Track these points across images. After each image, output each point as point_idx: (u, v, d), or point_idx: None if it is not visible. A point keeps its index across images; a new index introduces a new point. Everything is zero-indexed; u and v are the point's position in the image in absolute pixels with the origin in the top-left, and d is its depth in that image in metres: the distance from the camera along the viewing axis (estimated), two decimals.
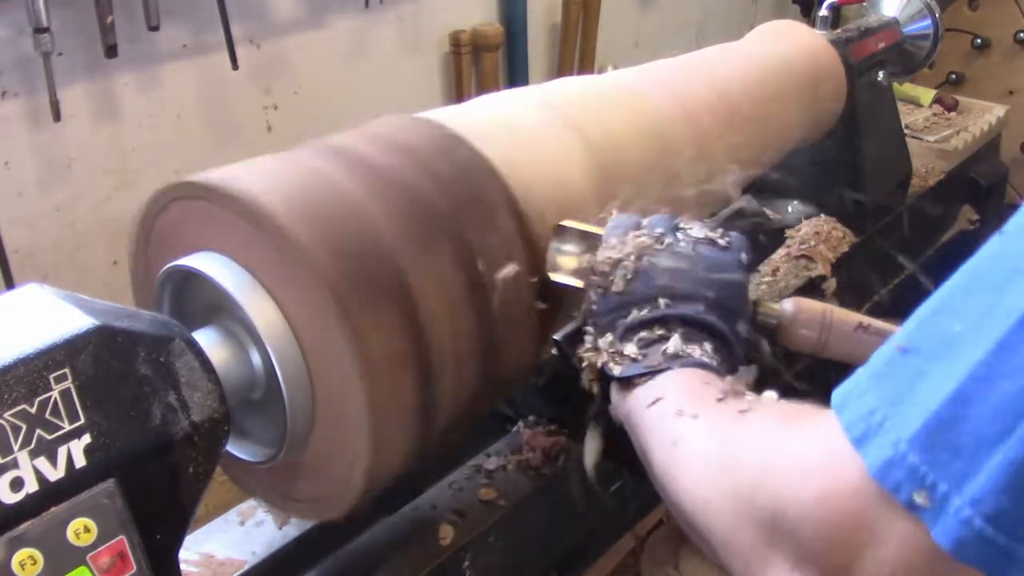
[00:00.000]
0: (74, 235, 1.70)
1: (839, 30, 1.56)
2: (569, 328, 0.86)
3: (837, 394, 0.50)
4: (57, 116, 1.57)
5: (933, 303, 0.49)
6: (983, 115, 2.11)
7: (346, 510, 0.81)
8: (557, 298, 0.88)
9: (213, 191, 0.76)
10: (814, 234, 1.50)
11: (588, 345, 0.79)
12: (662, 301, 0.75)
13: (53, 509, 0.61)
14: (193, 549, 0.98)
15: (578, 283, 0.84)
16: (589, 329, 0.80)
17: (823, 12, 1.57)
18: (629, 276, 0.77)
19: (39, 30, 1.47)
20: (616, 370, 0.74)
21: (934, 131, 2.05)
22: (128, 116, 1.72)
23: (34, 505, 0.60)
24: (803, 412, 0.56)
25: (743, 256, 0.79)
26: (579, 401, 0.83)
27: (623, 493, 1.10)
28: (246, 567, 0.97)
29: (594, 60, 2.47)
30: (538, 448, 1.09)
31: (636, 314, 0.75)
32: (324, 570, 0.97)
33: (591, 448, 0.86)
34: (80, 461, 0.62)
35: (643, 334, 0.74)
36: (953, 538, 0.44)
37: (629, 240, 0.80)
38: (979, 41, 2.70)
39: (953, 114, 2.14)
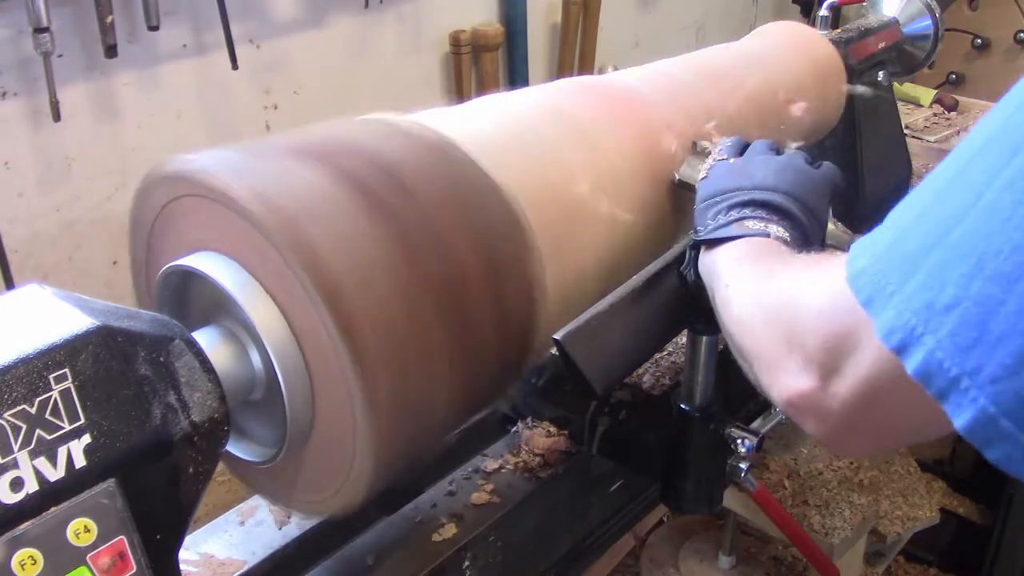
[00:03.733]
0: (74, 235, 1.70)
1: (839, 30, 1.56)
2: (570, 328, 0.87)
3: (853, 245, 0.61)
4: (57, 116, 1.57)
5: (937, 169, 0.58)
6: (983, 115, 2.10)
7: (348, 509, 0.81)
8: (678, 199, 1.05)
9: (213, 191, 0.76)
10: None
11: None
12: (752, 189, 0.89)
13: (53, 509, 0.61)
14: (193, 549, 0.98)
15: (695, 182, 0.98)
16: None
17: (823, 12, 1.57)
18: (727, 170, 0.94)
19: (39, 30, 1.47)
20: (702, 235, 0.88)
21: (934, 131, 2.05)
22: (128, 116, 1.72)
23: (34, 505, 0.60)
24: (829, 257, 0.67)
25: (828, 175, 0.93)
26: (578, 401, 0.83)
27: (623, 493, 1.10)
28: (246, 567, 0.97)
29: (594, 60, 2.47)
30: (537, 449, 1.10)
31: (729, 198, 0.90)
32: (324, 570, 0.97)
33: None
34: (80, 461, 0.62)
35: (732, 213, 0.88)
36: (887, 328, 0.54)
37: (736, 151, 0.98)
38: (979, 41, 2.70)
39: (953, 114, 2.14)
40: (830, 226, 0.95)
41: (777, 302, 0.68)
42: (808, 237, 0.87)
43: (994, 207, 0.50)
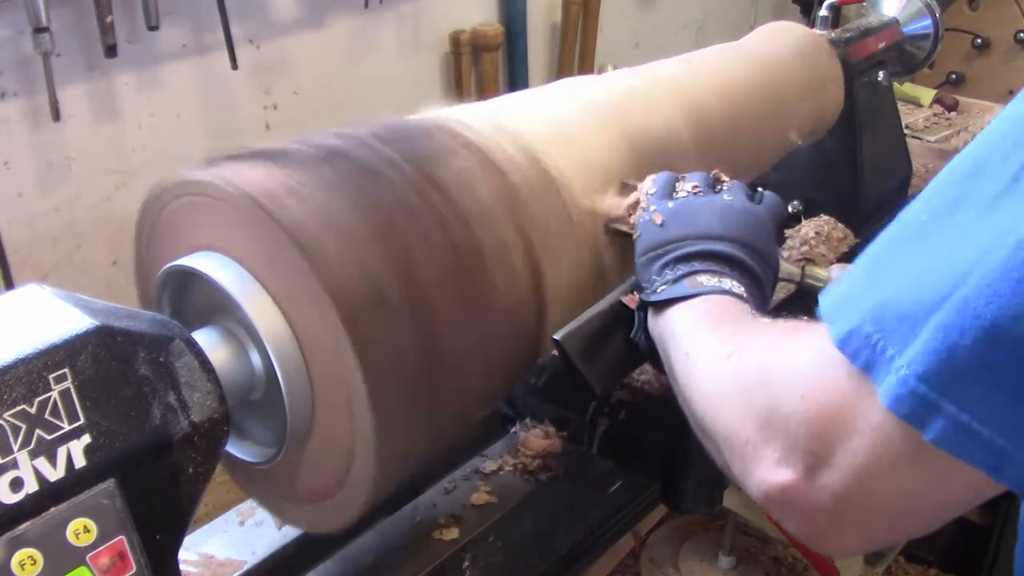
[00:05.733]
0: (74, 235, 1.70)
1: (839, 30, 1.56)
2: (570, 328, 0.87)
3: (824, 299, 0.56)
4: (57, 116, 1.57)
5: (914, 205, 0.54)
6: (983, 115, 2.11)
7: (348, 519, 0.81)
8: (619, 247, 0.97)
9: (216, 190, 0.76)
10: (814, 234, 1.49)
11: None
12: (697, 239, 0.83)
13: (53, 509, 0.61)
14: (193, 549, 0.98)
15: (629, 229, 0.92)
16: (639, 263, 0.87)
17: (823, 12, 1.57)
18: (667, 218, 0.86)
19: (39, 30, 1.47)
20: (651, 296, 0.81)
21: (934, 131, 2.05)
22: (128, 116, 1.72)
23: (34, 505, 0.60)
24: (805, 326, 0.61)
25: (771, 208, 0.88)
26: (578, 401, 0.83)
27: (623, 493, 1.10)
28: (246, 567, 0.97)
29: (594, 60, 2.47)
30: (531, 451, 1.09)
31: (674, 250, 0.83)
32: (324, 570, 0.97)
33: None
34: (80, 461, 0.62)
35: (680, 267, 0.81)
36: (892, 395, 0.49)
37: (669, 189, 0.90)
38: (979, 41, 2.70)
39: (953, 114, 2.14)
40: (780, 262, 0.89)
41: (749, 380, 0.61)
42: (762, 284, 0.82)
43: (1006, 266, 0.46)
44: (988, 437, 0.47)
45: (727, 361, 0.65)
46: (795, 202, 1.56)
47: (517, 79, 2.35)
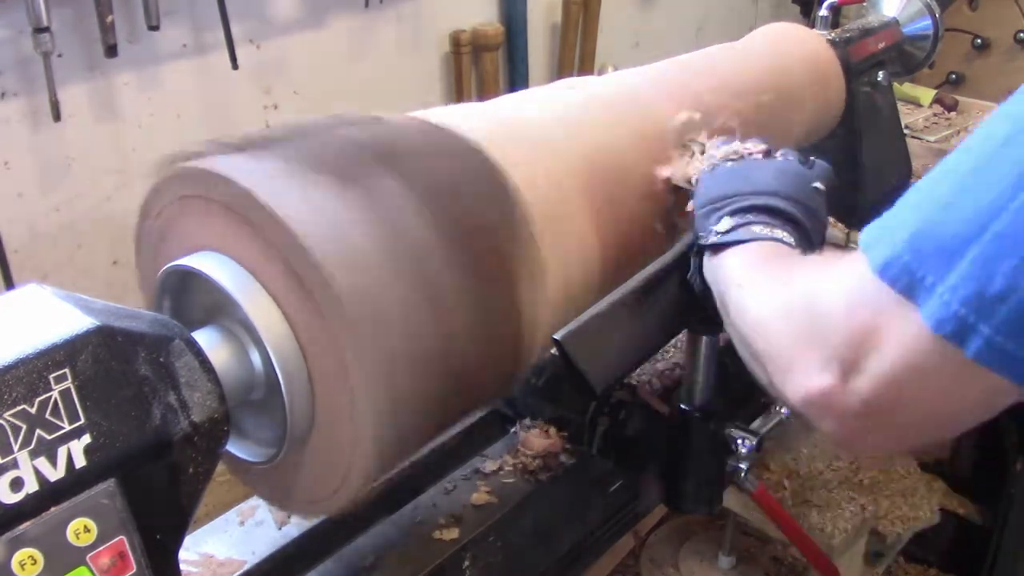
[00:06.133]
0: (74, 235, 1.70)
1: (839, 30, 1.56)
2: (570, 328, 0.87)
3: (864, 231, 0.62)
4: (57, 116, 1.57)
5: (949, 157, 0.60)
6: (983, 115, 2.11)
7: (346, 508, 0.81)
8: (681, 199, 1.01)
9: (216, 190, 0.76)
10: None
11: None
12: (753, 195, 0.88)
13: (53, 509, 0.61)
14: (193, 549, 0.98)
15: (688, 185, 0.97)
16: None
17: (823, 12, 1.57)
18: (726, 174, 0.93)
19: (39, 30, 1.47)
20: (709, 240, 0.86)
21: (934, 131, 2.05)
22: (128, 116, 1.72)
23: (34, 505, 0.60)
24: (842, 255, 0.67)
25: (822, 173, 0.93)
26: (578, 401, 0.83)
27: (623, 493, 1.10)
28: (246, 567, 0.97)
29: (594, 60, 2.47)
30: (531, 451, 1.10)
31: (731, 203, 0.88)
32: (324, 570, 0.97)
33: None
34: (80, 461, 0.62)
35: (736, 218, 0.87)
36: (936, 318, 0.56)
37: (730, 149, 0.97)
38: (979, 41, 2.70)
39: (953, 114, 2.14)
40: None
41: (796, 302, 0.68)
42: (811, 240, 0.87)
43: None
44: (1015, 353, 0.54)
45: (777, 286, 0.73)
46: None
47: (517, 79, 2.35)
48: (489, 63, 2.25)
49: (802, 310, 0.66)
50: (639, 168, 1.02)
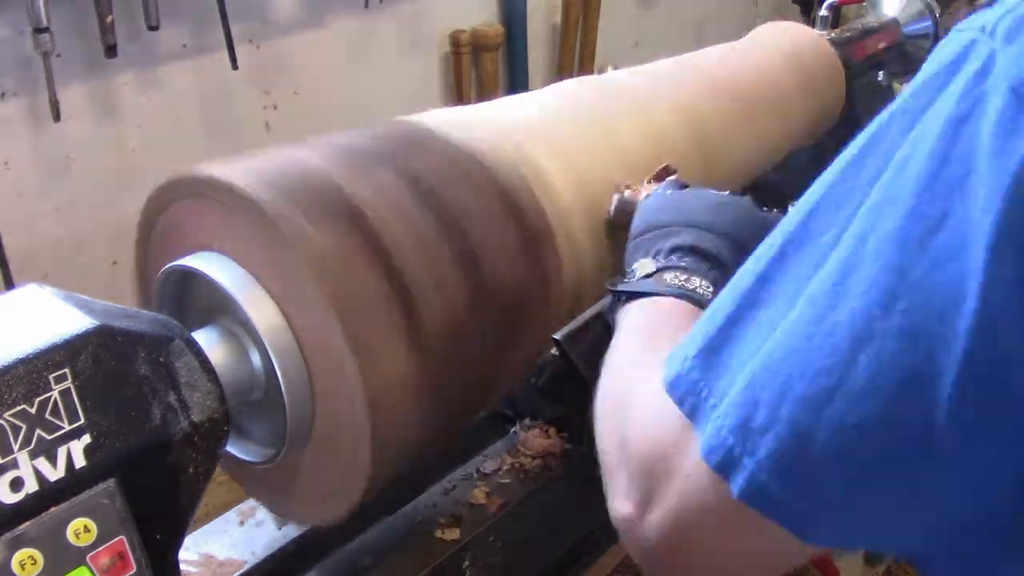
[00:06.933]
0: (74, 235, 1.70)
1: (839, 30, 1.56)
2: (570, 327, 0.87)
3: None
4: (57, 116, 1.57)
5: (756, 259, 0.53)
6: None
7: (347, 512, 0.81)
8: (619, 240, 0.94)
9: (219, 190, 0.76)
10: None
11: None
12: (685, 226, 0.80)
13: (53, 509, 0.61)
14: (193, 549, 0.98)
15: (622, 221, 0.91)
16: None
17: (823, 12, 1.57)
18: (660, 204, 0.84)
19: (39, 30, 1.47)
20: (617, 286, 0.78)
21: None
22: (128, 116, 1.72)
23: (34, 505, 0.60)
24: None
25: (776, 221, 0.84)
26: (578, 401, 0.83)
27: None
28: (246, 567, 0.97)
29: (594, 60, 2.47)
30: (531, 451, 1.09)
31: (660, 237, 0.80)
32: (324, 570, 0.97)
33: None
34: (80, 461, 0.62)
35: (657, 260, 0.78)
36: (708, 446, 0.48)
37: (663, 183, 0.90)
38: None
39: None
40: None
41: (618, 399, 0.60)
42: None
43: (799, 322, 0.46)
44: (782, 497, 0.46)
45: (620, 371, 0.64)
46: (794, 203, 1.56)
47: (517, 79, 2.35)
48: (489, 63, 2.25)
49: (619, 417, 0.58)
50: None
